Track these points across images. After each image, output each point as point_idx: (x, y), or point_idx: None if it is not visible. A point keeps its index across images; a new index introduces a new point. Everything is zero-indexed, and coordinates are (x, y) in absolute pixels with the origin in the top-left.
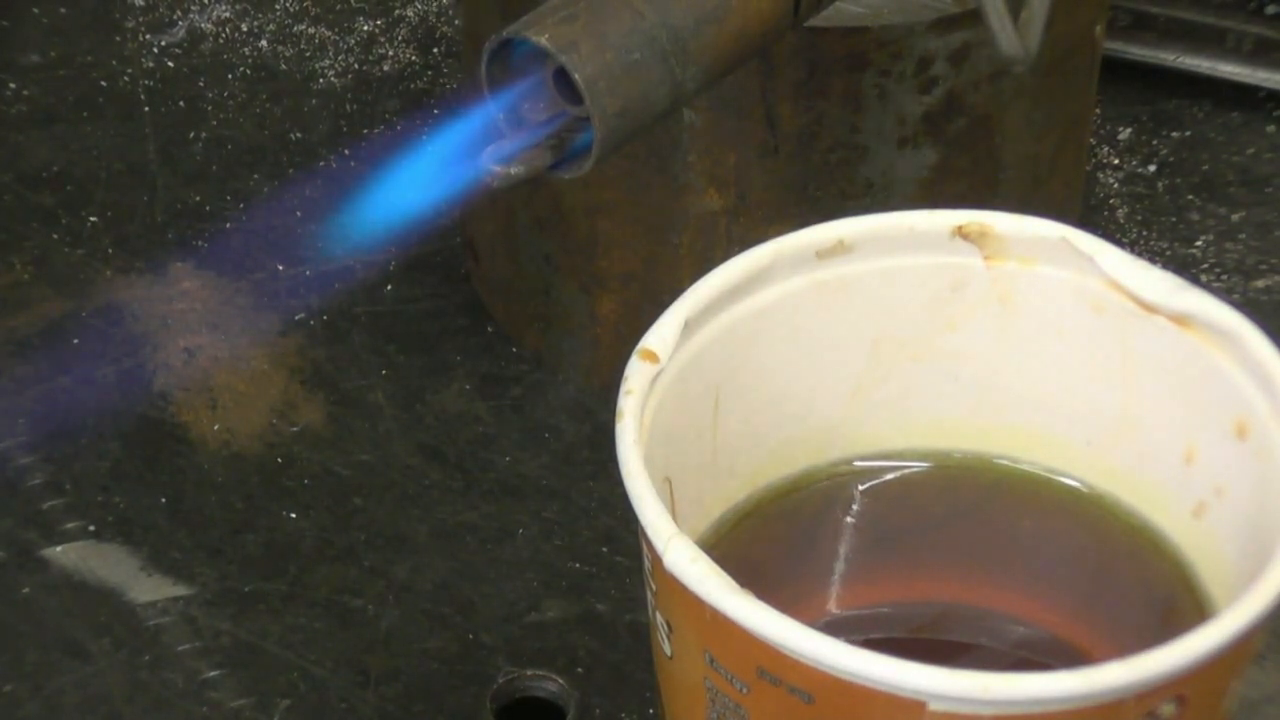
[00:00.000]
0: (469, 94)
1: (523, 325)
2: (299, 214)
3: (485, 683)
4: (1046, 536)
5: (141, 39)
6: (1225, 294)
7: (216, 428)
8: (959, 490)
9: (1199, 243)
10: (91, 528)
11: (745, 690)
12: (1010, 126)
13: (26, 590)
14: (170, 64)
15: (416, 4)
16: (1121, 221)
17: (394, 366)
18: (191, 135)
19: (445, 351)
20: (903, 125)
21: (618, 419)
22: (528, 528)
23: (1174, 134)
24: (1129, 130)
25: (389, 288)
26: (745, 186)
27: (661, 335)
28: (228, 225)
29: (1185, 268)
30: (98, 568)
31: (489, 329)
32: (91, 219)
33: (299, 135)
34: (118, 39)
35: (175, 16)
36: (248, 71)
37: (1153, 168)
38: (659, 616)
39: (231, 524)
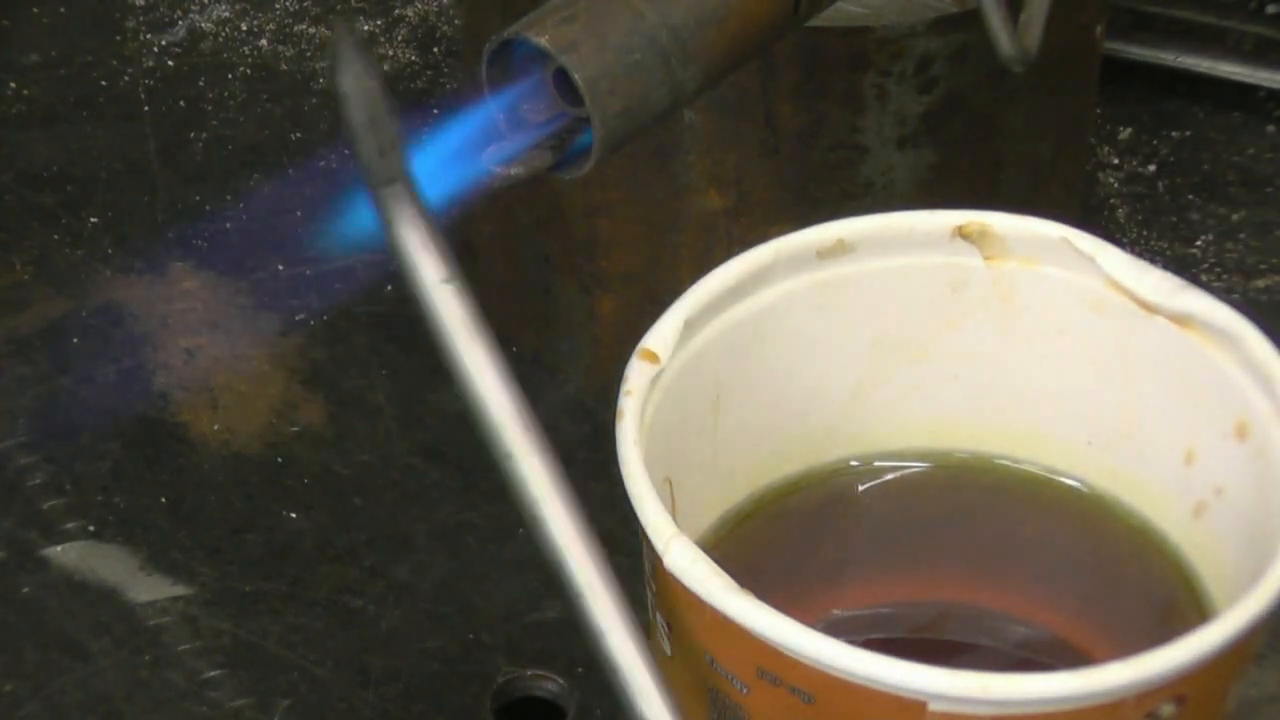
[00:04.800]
0: (469, 94)
1: (522, 325)
2: (299, 214)
3: (485, 683)
4: (1047, 536)
5: (141, 39)
6: (1225, 294)
7: (216, 428)
8: (959, 490)
9: (1199, 243)
10: (91, 528)
11: (745, 690)
12: (1010, 126)
13: (26, 590)
14: (170, 64)
15: (416, 4)
16: (1121, 221)
17: (394, 366)
18: (191, 135)
19: None
20: (903, 125)
21: (618, 419)
22: (528, 527)
23: (1174, 134)
24: (1129, 130)
25: (389, 288)
26: (745, 186)
27: (661, 335)
28: (228, 225)
29: (1185, 268)
30: (98, 568)
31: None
32: (91, 219)
33: (299, 135)
34: (118, 39)
35: (175, 16)
36: (248, 71)
37: (1153, 168)
38: (659, 616)
39: (231, 524)
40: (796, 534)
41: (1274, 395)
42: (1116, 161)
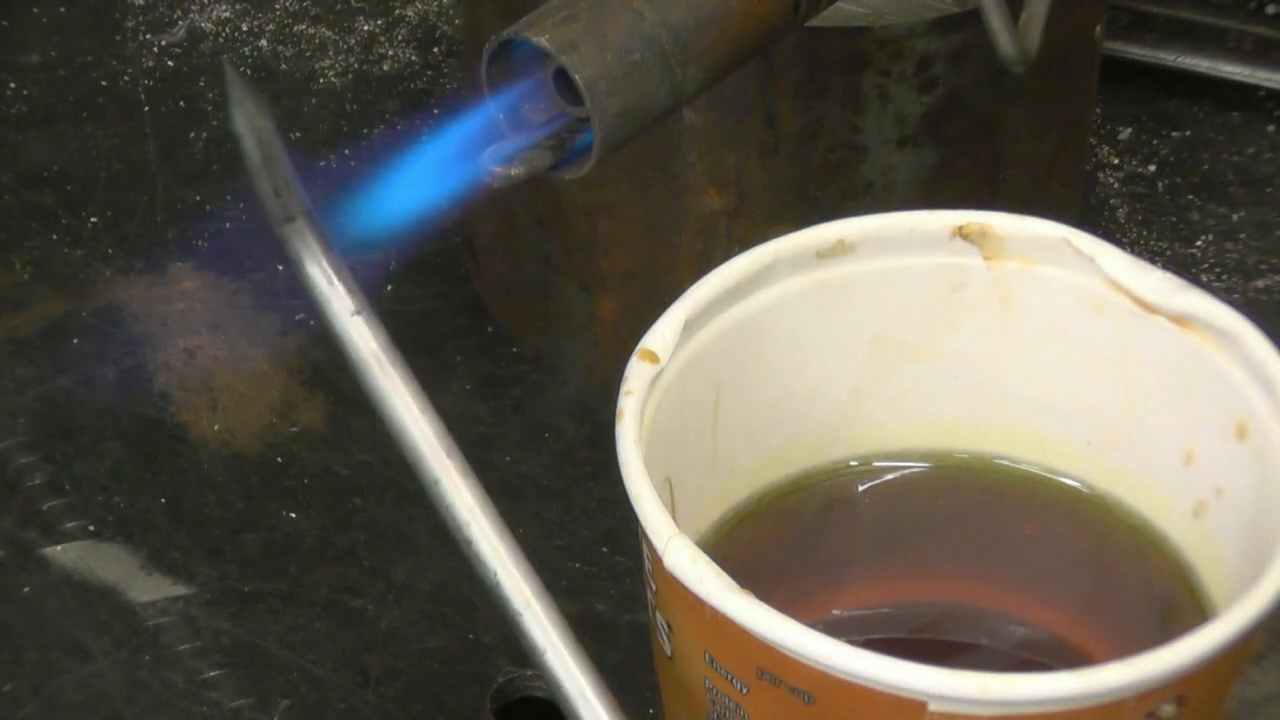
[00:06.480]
0: (469, 94)
1: (523, 325)
2: None
3: (485, 683)
4: (1047, 537)
5: (141, 39)
6: (1225, 294)
7: (216, 428)
8: (959, 490)
9: (1199, 243)
10: (91, 528)
11: (745, 690)
12: (1010, 126)
13: (26, 590)
14: (170, 64)
15: (416, 4)
16: (1121, 221)
17: None
18: (191, 135)
19: (445, 351)
20: (903, 125)
21: (618, 419)
22: (528, 528)
23: (1174, 134)
24: (1129, 130)
25: (389, 288)
26: (745, 186)
27: (661, 335)
28: (228, 225)
29: (1185, 268)
30: (98, 568)
31: (489, 329)
32: (91, 219)
33: (299, 135)
34: (118, 39)
35: (175, 16)
36: (248, 71)
37: (1153, 168)
38: (659, 616)
39: (231, 524)
40: (796, 534)
41: (1274, 395)
42: (1116, 161)
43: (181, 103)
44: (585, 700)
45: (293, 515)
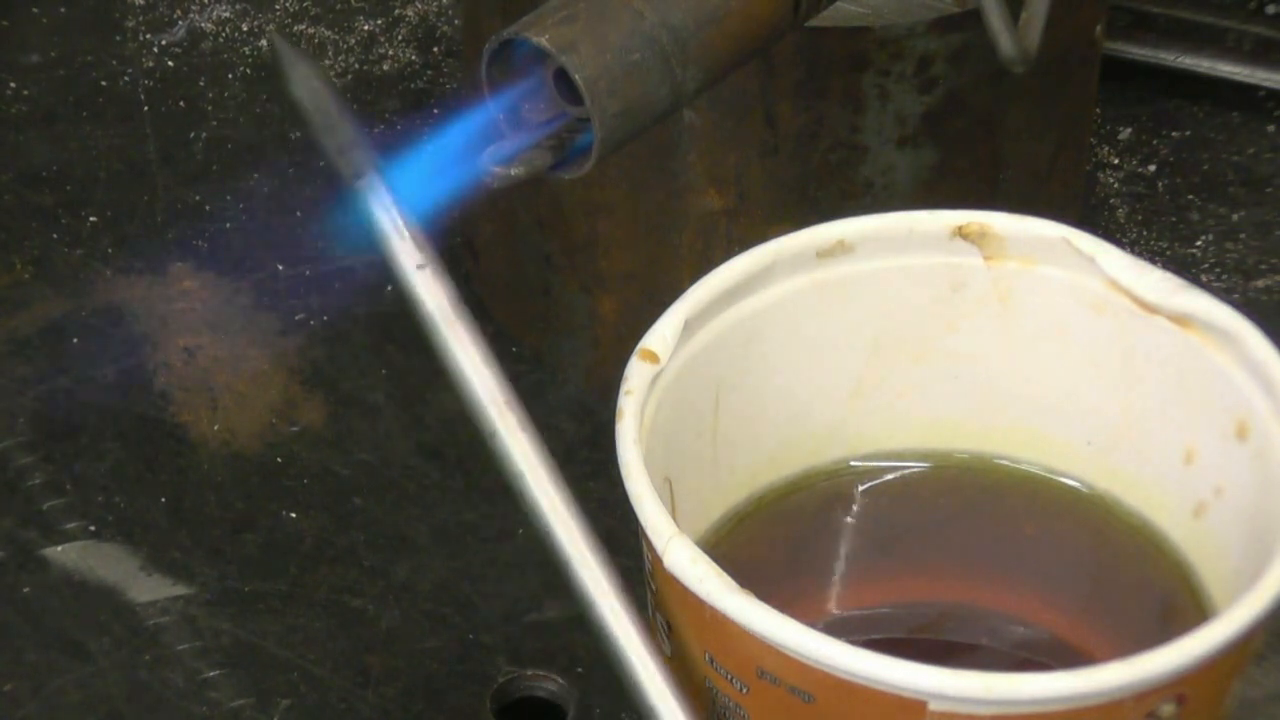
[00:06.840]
0: (469, 94)
1: (523, 325)
2: (299, 214)
3: (485, 683)
4: (1047, 537)
5: (141, 39)
6: (1225, 294)
7: (216, 428)
8: (959, 490)
9: (1199, 243)
10: (91, 528)
11: (745, 690)
12: (1010, 126)
13: (26, 590)
14: (170, 64)
15: (416, 4)
16: (1121, 221)
17: (394, 366)
18: (191, 135)
19: None
20: (903, 125)
21: (618, 419)
22: (528, 528)
23: (1174, 134)
24: (1129, 130)
25: (389, 288)
26: (745, 186)
27: (661, 335)
28: (228, 225)
29: (1185, 268)
30: (98, 568)
31: (489, 329)
32: (91, 219)
33: (299, 135)
34: (118, 39)
35: (175, 16)
36: (248, 71)
37: (1153, 168)
38: (659, 616)
39: (231, 524)
40: (796, 534)
41: (1274, 395)
42: (1116, 161)
43: (181, 103)
44: (634, 648)
45: (293, 515)
